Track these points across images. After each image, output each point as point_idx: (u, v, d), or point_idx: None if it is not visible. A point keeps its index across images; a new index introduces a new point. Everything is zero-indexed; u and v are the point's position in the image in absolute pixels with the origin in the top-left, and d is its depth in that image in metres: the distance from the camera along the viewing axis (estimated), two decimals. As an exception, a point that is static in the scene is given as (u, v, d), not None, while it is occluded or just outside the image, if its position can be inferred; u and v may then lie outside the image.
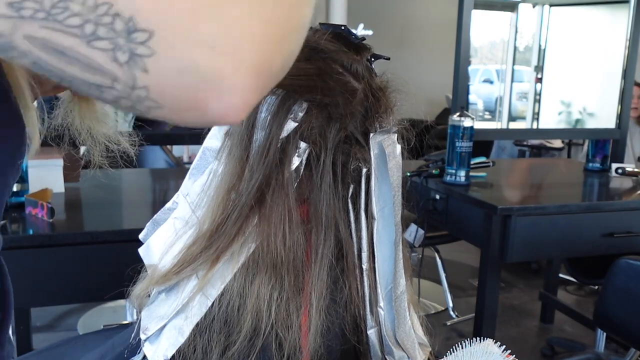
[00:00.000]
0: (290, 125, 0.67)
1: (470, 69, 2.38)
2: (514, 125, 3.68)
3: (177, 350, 0.68)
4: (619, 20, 2.55)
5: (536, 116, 3.02)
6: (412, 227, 2.20)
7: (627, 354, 2.15)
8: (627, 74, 2.52)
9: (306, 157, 0.69)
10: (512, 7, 3.20)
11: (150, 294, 0.71)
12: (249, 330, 0.66)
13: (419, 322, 0.78)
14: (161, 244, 0.72)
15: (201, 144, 0.75)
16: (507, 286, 3.47)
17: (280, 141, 0.67)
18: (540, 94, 2.92)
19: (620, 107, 2.55)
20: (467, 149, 2.05)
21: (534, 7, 2.98)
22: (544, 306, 3.05)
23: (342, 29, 0.72)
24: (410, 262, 0.79)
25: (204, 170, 0.73)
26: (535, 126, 3.07)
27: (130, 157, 0.67)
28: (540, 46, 2.99)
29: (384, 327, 0.71)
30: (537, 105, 3.00)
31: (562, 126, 2.82)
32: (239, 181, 0.68)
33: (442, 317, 3.02)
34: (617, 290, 1.69)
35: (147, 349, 0.69)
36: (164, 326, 0.69)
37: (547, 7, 2.87)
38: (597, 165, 2.52)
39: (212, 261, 0.66)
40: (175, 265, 0.68)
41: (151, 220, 0.76)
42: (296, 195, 0.68)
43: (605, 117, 2.62)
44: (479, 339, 0.73)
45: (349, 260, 0.71)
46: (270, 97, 0.68)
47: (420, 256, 2.32)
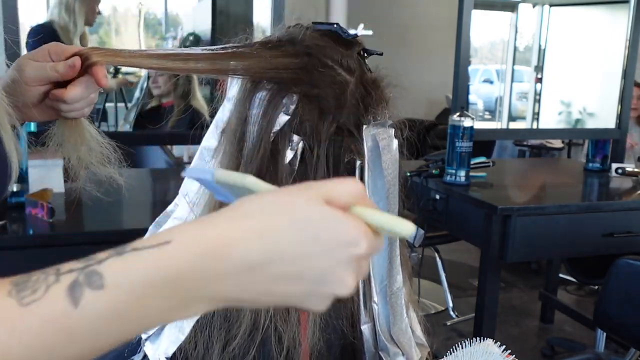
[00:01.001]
0: (282, 118, 0.68)
1: (470, 69, 2.38)
2: (514, 125, 3.68)
3: (178, 347, 0.68)
4: (619, 20, 2.56)
5: (536, 116, 3.03)
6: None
7: (627, 354, 2.14)
8: (627, 74, 2.53)
9: (300, 151, 0.69)
10: (512, 7, 3.21)
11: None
12: (248, 324, 0.67)
13: (417, 321, 0.78)
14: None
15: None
16: (507, 286, 3.47)
17: (273, 135, 0.68)
18: (540, 94, 2.93)
19: (620, 107, 2.55)
20: (467, 149, 2.05)
21: (534, 7, 2.98)
22: (544, 306, 3.05)
23: (334, 27, 0.72)
24: (409, 261, 0.79)
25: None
26: (535, 126, 3.07)
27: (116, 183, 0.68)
28: (540, 46, 2.99)
29: (378, 323, 0.71)
30: (537, 105, 3.01)
31: (562, 126, 2.82)
32: None
33: (442, 317, 3.02)
34: (617, 290, 1.69)
35: (148, 349, 0.70)
36: (164, 325, 0.69)
37: (547, 7, 2.87)
38: (597, 165, 2.52)
39: None
40: None
41: (154, 222, 0.77)
42: None
43: (605, 117, 2.62)
44: (479, 339, 0.74)
45: None
46: (261, 93, 0.69)
47: (420, 256, 2.32)
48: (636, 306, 1.63)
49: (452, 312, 2.99)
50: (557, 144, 4.14)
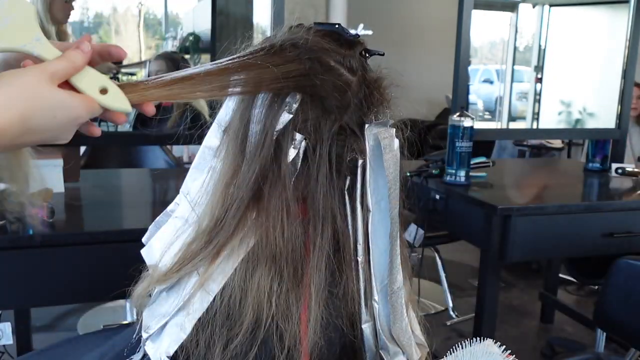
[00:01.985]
0: (285, 117, 0.68)
1: (470, 69, 2.38)
2: (514, 125, 3.68)
3: (180, 346, 0.68)
4: (619, 20, 2.55)
5: (536, 116, 3.02)
6: (412, 227, 2.20)
7: (627, 354, 2.14)
8: (627, 74, 2.52)
9: (303, 150, 0.69)
10: (512, 7, 3.21)
11: (151, 293, 0.72)
12: (250, 322, 0.67)
13: (417, 321, 0.78)
14: (162, 244, 0.72)
15: (201, 144, 0.76)
16: (507, 286, 3.47)
17: (275, 133, 0.68)
18: (540, 94, 2.92)
19: (620, 107, 2.55)
20: (467, 149, 2.05)
21: (534, 7, 2.98)
22: (544, 306, 3.05)
23: (336, 27, 0.73)
24: (409, 261, 0.79)
25: (204, 169, 0.73)
26: (535, 126, 3.07)
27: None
28: (540, 46, 2.99)
29: (379, 322, 0.71)
30: (537, 105, 3.01)
31: (562, 126, 2.82)
32: (237, 176, 0.68)
33: (442, 317, 3.02)
34: (617, 290, 1.69)
35: (148, 348, 0.70)
36: (166, 324, 0.69)
37: (547, 7, 2.87)
38: (597, 165, 2.52)
39: (212, 257, 0.67)
40: (175, 263, 0.68)
41: (154, 222, 0.77)
42: (294, 187, 0.69)
43: (605, 117, 2.62)
44: (479, 339, 0.74)
45: (345, 252, 0.71)
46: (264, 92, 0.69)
47: (420, 256, 2.31)
48: (636, 306, 1.63)
49: (452, 312, 2.99)
50: (557, 144, 4.15)
